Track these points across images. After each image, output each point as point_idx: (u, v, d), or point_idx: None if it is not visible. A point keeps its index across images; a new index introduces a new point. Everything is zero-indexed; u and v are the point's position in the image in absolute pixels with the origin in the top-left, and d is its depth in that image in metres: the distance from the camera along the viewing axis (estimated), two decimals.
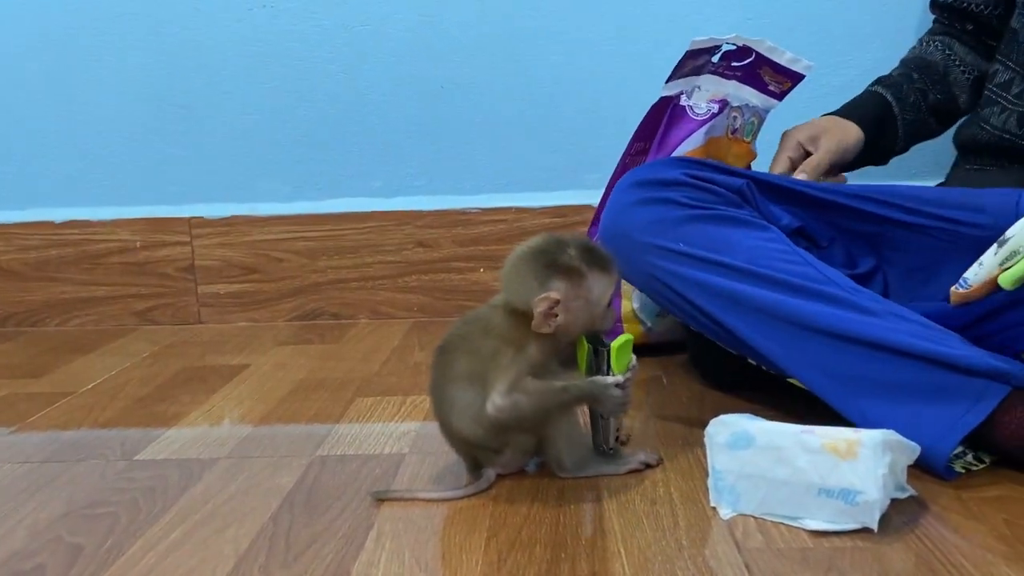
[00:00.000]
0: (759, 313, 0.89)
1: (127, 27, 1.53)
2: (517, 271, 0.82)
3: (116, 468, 0.92)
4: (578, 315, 0.81)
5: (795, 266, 0.90)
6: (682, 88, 1.17)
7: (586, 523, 0.75)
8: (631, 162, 1.22)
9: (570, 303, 0.80)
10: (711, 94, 1.18)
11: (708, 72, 1.17)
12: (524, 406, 0.78)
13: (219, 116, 1.54)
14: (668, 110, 1.17)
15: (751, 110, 1.21)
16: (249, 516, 0.79)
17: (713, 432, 0.77)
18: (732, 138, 1.20)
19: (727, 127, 1.19)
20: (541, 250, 0.81)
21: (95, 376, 1.28)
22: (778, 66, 1.17)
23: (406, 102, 1.52)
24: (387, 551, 0.72)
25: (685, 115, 1.17)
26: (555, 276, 0.80)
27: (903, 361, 0.83)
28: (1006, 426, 0.80)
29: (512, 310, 0.81)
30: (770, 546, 0.70)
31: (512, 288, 0.82)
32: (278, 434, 1.01)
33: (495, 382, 0.78)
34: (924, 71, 1.20)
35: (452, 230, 1.54)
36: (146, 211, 1.57)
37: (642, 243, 0.94)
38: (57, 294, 1.59)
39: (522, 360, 0.79)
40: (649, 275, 0.95)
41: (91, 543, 0.75)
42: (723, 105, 1.17)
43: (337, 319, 1.57)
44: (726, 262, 0.90)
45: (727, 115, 1.18)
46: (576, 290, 0.80)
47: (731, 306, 0.90)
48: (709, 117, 1.16)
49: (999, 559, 0.67)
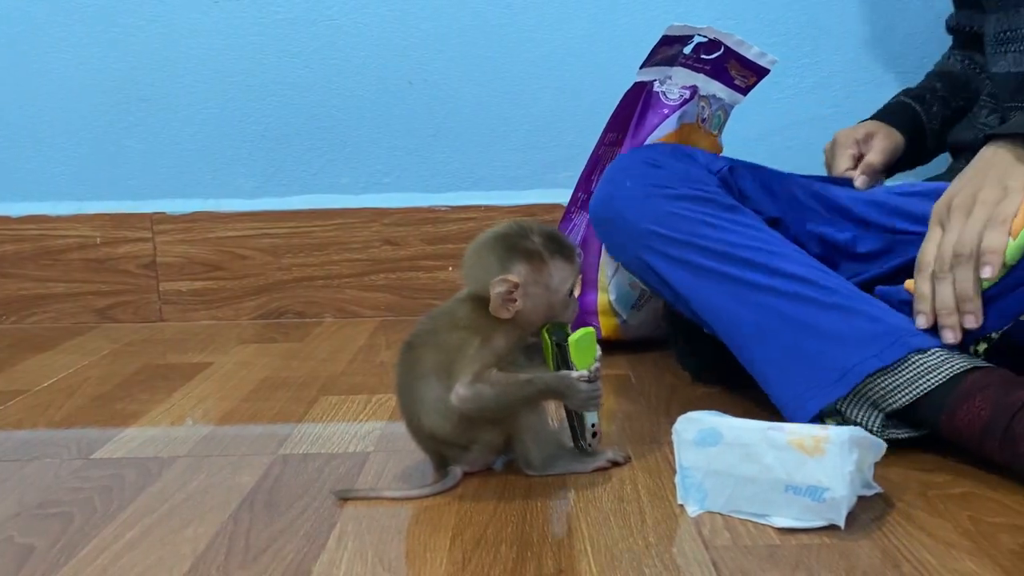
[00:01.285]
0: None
1: (87, 18, 1.49)
2: (479, 255, 0.81)
3: (71, 467, 0.90)
4: (537, 302, 0.80)
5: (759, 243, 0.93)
6: (656, 76, 1.19)
7: (553, 521, 0.75)
8: (604, 152, 1.22)
9: (529, 288, 0.79)
10: (682, 84, 1.20)
11: (679, 64, 1.20)
12: (488, 397, 0.78)
13: (181, 110, 1.52)
14: (643, 96, 1.19)
15: (718, 103, 1.23)
16: (208, 515, 0.77)
17: (681, 429, 0.77)
18: (701, 127, 1.22)
19: (697, 114, 1.21)
20: (504, 234, 0.81)
21: (51, 374, 1.25)
22: (745, 60, 1.19)
23: (374, 97, 1.51)
24: (349, 551, 0.70)
25: (659, 101, 1.19)
26: (516, 260, 0.79)
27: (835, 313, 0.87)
28: (961, 416, 0.80)
29: (477, 300, 0.80)
30: (737, 543, 0.70)
31: (473, 273, 0.81)
32: (240, 433, 0.99)
33: (459, 373, 0.78)
34: (946, 80, 1.23)
35: (420, 228, 1.53)
36: (107, 206, 1.54)
37: (641, 229, 0.97)
38: (14, 291, 1.55)
39: (487, 351, 0.78)
40: (641, 259, 0.99)
41: (43, 543, 0.73)
42: (694, 91, 1.19)
43: (302, 317, 1.55)
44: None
45: (697, 102, 1.20)
46: (536, 275, 0.79)
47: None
48: (681, 102, 1.18)
49: (963, 555, 0.67)
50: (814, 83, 1.48)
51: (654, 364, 1.20)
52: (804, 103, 1.48)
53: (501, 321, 0.79)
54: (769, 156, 1.53)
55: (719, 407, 0.82)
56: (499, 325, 0.79)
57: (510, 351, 0.80)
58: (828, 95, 1.48)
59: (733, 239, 0.94)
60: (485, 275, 0.79)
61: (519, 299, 0.79)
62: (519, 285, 0.78)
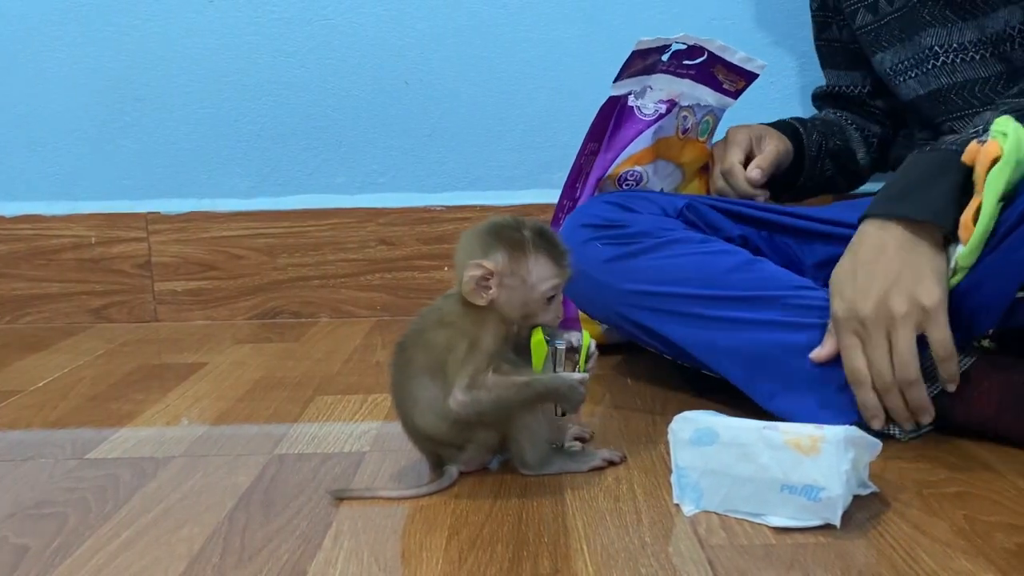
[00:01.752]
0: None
1: (81, 18, 1.49)
2: (467, 242, 0.80)
3: (66, 467, 0.89)
4: (512, 295, 0.78)
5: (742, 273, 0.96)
6: (631, 88, 1.15)
7: (549, 521, 0.74)
8: (585, 162, 1.21)
9: (505, 278, 0.78)
10: (664, 93, 1.16)
11: (660, 71, 1.16)
12: (486, 402, 0.77)
13: (177, 109, 1.51)
14: (616, 110, 1.16)
15: (705, 109, 1.20)
16: (204, 515, 0.77)
17: (677, 428, 0.77)
18: (684, 138, 1.19)
19: (677, 127, 1.18)
20: (495, 223, 0.80)
21: (46, 374, 1.25)
22: (731, 65, 1.17)
23: (370, 97, 1.51)
24: (345, 550, 0.70)
25: (633, 115, 1.15)
26: (497, 247, 0.78)
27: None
28: (976, 401, 0.86)
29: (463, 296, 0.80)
30: (733, 543, 0.70)
31: (459, 260, 0.80)
32: (235, 433, 0.99)
33: (455, 377, 0.77)
34: (823, 124, 1.28)
35: (415, 228, 1.52)
36: (101, 206, 1.53)
37: (600, 281, 1.01)
38: (8, 291, 1.55)
39: (479, 353, 0.78)
40: (616, 313, 1.03)
41: (37, 544, 0.72)
42: (671, 105, 1.15)
43: (297, 318, 1.55)
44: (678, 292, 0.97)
45: (676, 115, 1.16)
46: (514, 266, 0.78)
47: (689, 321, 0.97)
48: (656, 118, 1.14)
49: (959, 554, 0.67)
50: (808, 84, 1.48)
51: (651, 363, 1.20)
52: (798, 105, 1.48)
53: (486, 317, 0.78)
54: None
55: (715, 407, 0.82)
56: (484, 321, 0.78)
57: (500, 348, 0.79)
58: None
59: (719, 276, 0.96)
60: (466, 260, 0.78)
61: (494, 287, 0.78)
62: (494, 273, 0.77)
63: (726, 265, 0.97)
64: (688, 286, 0.96)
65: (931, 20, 1.08)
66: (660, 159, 1.18)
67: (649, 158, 1.16)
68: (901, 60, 1.13)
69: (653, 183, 1.19)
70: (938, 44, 1.07)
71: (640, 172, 1.16)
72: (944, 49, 1.07)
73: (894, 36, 1.12)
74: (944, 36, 1.07)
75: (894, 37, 1.12)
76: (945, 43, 1.07)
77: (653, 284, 0.98)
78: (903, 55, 1.12)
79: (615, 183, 1.17)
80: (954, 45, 1.07)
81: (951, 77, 1.08)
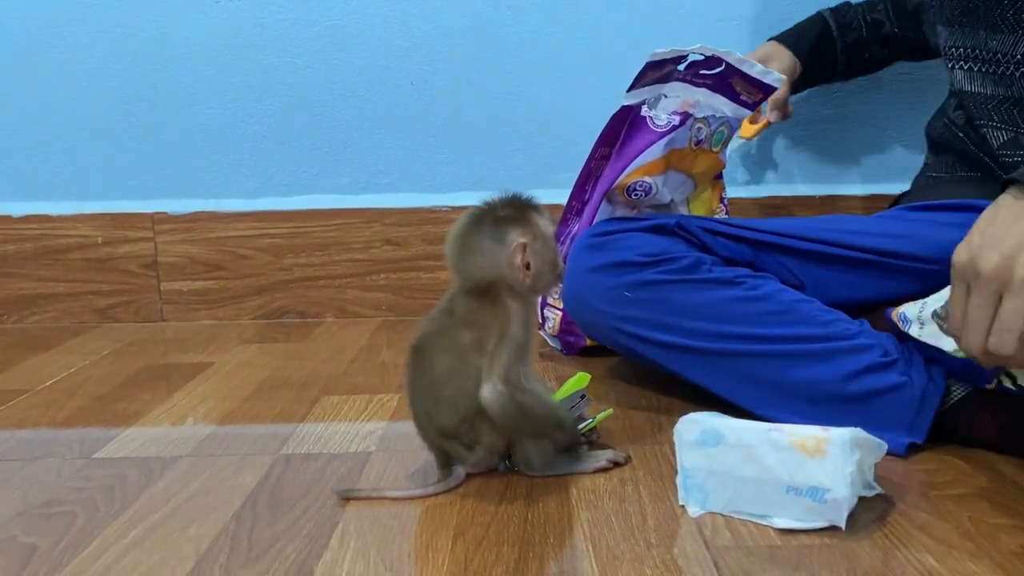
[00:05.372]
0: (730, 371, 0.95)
1: (88, 19, 1.50)
2: (467, 247, 0.80)
3: (73, 466, 0.90)
4: (543, 256, 0.80)
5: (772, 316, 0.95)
6: (644, 97, 1.15)
7: (554, 522, 0.75)
8: (595, 166, 1.21)
9: (534, 244, 0.80)
10: (678, 103, 1.15)
11: (676, 79, 1.15)
12: (518, 400, 0.78)
13: (183, 110, 1.52)
14: (628, 119, 1.16)
15: (720, 120, 1.18)
16: (211, 515, 0.77)
17: (682, 430, 0.77)
18: (697, 149, 1.18)
19: (690, 138, 1.17)
20: (476, 217, 0.80)
21: (53, 374, 1.25)
22: (749, 77, 1.15)
23: (375, 98, 1.51)
24: (352, 550, 0.70)
25: (645, 126, 1.15)
26: (507, 227, 0.79)
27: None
28: (979, 420, 0.87)
29: (471, 293, 0.80)
30: (738, 544, 0.70)
31: (470, 265, 0.80)
32: (242, 432, 0.99)
33: (489, 371, 0.78)
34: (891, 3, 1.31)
35: (421, 228, 1.53)
36: (108, 206, 1.54)
37: (601, 311, 1.01)
38: (15, 290, 1.55)
39: (508, 342, 0.79)
40: (613, 340, 1.04)
41: (46, 543, 0.73)
42: (685, 117, 1.14)
43: (303, 318, 1.55)
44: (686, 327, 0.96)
45: (690, 127, 1.16)
46: (532, 229, 0.80)
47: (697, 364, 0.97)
48: (669, 129, 1.14)
49: (964, 556, 0.67)
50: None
51: None
52: (808, 104, 1.48)
53: (503, 305, 0.80)
54: (771, 156, 1.54)
55: (719, 408, 0.82)
56: (505, 310, 0.79)
57: (528, 336, 0.81)
58: (830, 97, 1.49)
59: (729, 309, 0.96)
60: (490, 257, 0.79)
61: (531, 259, 0.79)
62: (526, 245, 0.79)
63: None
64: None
65: (1000, 22, 0.99)
66: (672, 170, 1.18)
67: (660, 169, 1.16)
68: (956, 45, 1.05)
69: (663, 194, 1.18)
70: (1001, 52, 0.99)
71: (650, 183, 1.16)
72: (1006, 56, 0.98)
73: (953, 17, 1.04)
74: (1011, 43, 0.98)
75: (953, 19, 1.04)
76: (1011, 50, 0.98)
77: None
78: (959, 40, 1.04)
79: (624, 193, 1.16)
80: (1017, 56, 0.98)
81: (1009, 89, 1.00)
